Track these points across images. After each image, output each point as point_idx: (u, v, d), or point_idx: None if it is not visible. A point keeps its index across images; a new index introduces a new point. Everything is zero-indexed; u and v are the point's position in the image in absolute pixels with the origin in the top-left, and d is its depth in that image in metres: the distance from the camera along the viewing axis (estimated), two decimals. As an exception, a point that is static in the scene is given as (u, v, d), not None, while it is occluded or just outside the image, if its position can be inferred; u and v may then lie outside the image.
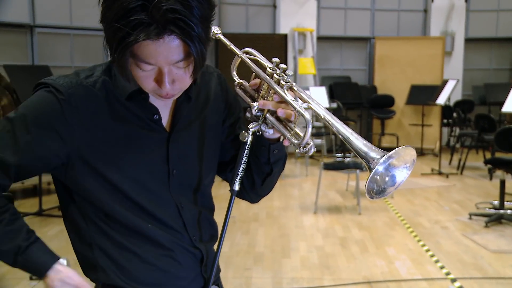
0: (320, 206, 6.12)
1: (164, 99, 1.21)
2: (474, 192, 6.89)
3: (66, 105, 1.21)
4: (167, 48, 1.10)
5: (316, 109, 1.21)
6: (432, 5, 10.52)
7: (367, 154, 1.14)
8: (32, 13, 8.09)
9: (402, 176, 1.18)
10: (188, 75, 1.18)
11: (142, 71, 1.14)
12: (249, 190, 1.46)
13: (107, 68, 1.29)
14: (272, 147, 1.36)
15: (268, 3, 10.11)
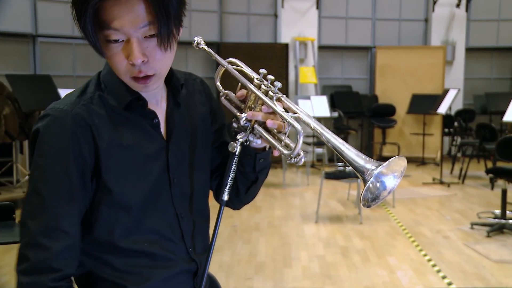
0: (322, 216, 6.11)
1: (141, 84, 1.20)
2: (476, 201, 6.88)
3: (76, 126, 1.20)
4: (131, 8, 1.11)
5: (306, 119, 1.22)
6: (432, 15, 10.56)
7: (362, 166, 1.15)
8: (35, 23, 8.13)
9: (392, 184, 1.19)
10: (160, 51, 1.17)
11: (112, 44, 1.14)
12: (233, 198, 1.46)
13: (97, 83, 1.29)
14: (258, 156, 1.37)
15: (269, 12, 10.15)
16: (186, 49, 9.14)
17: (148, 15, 1.12)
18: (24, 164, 7.13)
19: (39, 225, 1.17)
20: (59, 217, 1.18)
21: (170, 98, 1.35)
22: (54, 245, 1.17)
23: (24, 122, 6.36)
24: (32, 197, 1.20)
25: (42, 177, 1.19)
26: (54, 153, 1.19)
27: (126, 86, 1.26)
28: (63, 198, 1.19)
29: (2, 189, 6.42)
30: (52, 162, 1.19)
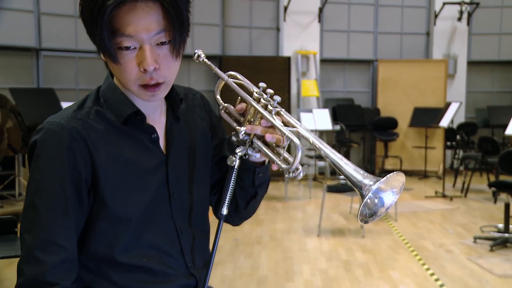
0: (324, 229, 6.09)
1: (149, 92, 1.20)
2: (479, 215, 6.85)
3: (71, 140, 1.21)
4: (146, 15, 1.12)
5: (304, 134, 1.23)
6: (434, 28, 10.60)
7: (359, 181, 1.16)
8: (38, 37, 8.17)
9: (390, 200, 1.20)
10: (171, 59, 1.19)
11: (124, 51, 1.15)
12: (232, 214, 1.46)
13: (95, 98, 1.29)
14: (257, 170, 1.37)
15: (271, 26, 10.20)
16: (188, 62, 9.17)
17: (162, 22, 1.15)
18: (27, 177, 7.12)
19: (35, 239, 1.18)
20: (53, 231, 1.19)
21: (169, 113, 1.36)
22: (49, 259, 1.17)
23: (27, 135, 6.37)
24: (28, 211, 1.21)
25: (37, 191, 1.20)
26: (49, 166, 1.20)
27: (126, 100, 1.27)
28: (58, 212, 1.19)
29: (4, 203, 6.42)
30: (47, 175, 1.19)
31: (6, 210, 6.07)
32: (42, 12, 8.14)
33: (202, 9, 9.51)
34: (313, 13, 10.14)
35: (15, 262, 1.28)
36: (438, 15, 10.48)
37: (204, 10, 9.57)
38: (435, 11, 10.52)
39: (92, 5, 1.12)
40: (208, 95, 10.17)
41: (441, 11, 10.43)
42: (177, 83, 1.40)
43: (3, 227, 2.85)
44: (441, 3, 10.38)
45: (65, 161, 1.19)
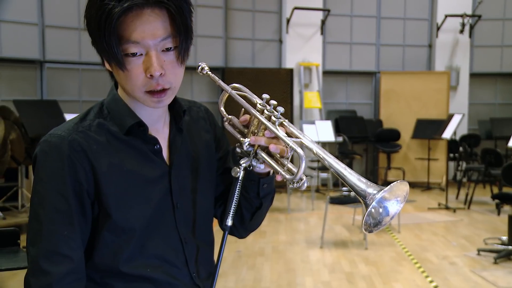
0: (326, 241, 6.07)
1: (155, 98, 1.21)
2: (482, 227, 6.83)
3: (71, 151, 1.21)
4: (152, 21, 1.14)
5: (308, 144, 1.23)
6: (436, 41, 10.63)
7: (363, 190, 1.15)
8: (43, 49, 8.23)
9: (395, 209, 1.20)
10: (177, 65, 1.21)
11: (130, 58, 1.16)
12: (238, 225, 1.45)
13: (99, 110, 1.30)
14: (261, 181, 1.37)
15: (274, 38, 10.24)
16: (191, 74, 9.22)
17: (168, 28, 1.17)
18: (30, 189, 7.13)
19: (40, 250, 1.19)
20: (58, 242, 1.19)
21: (172, 124, 1.37)
22: (55, 270, 1.18)
23: (30, 147, 6.39)
24: (32, 223, 1.21)
25: (40, 202, 1.21)
26: (50, 178, 1.21)
27: (129, 111, 1.28)
28: (62, 222, 1.20)
29: (7, 214, 6.43)
30: (49, 187, 1.20)
31: (9, 222, 6.07)
32: (47, 25, 8.20)
33: (205, 21, 9.57)
34: (316, 25, 10.18)
35: (19, 273, 1.29)
36: (440, 27, 10.52)
37: (207, 22, 9.62)
38: (437, 23, 10.56)
39: (99, 13, 1.14)
40: (212, 107, 10.17)
41: (443, 23, 10.47)
42: (180, 95, 1.41)
43: (6, 239, 2.85)
44: (443, 16, 10.42)
45: (66, 172, 1.20)
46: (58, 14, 8.21)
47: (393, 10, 10.82)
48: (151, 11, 1.15)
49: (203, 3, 9.53)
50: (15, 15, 7.89)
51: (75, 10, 8.19)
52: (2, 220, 6.14)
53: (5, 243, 2.85)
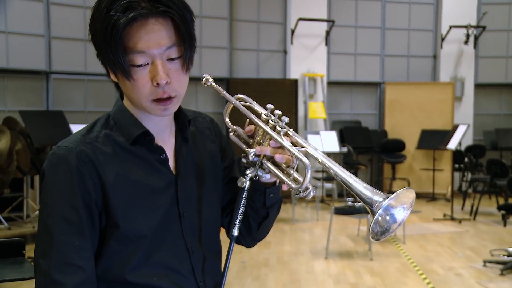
0: (331, 251, 6.05)
1: (162, 106, 1.23)
2: (488, 238, 6.79)
3: (79, 162, 1.22)
4: (157, 31, 1.16)
5: (313, 153, 1.24)
6: (441, 51, 10.64)
7: (370, 198, 1.16)
8: (49, 60, 8.28)
9: (402, 216, 1.20)
10: (182, 73, 1.23)
11: (136, 68, 1.18)
12: (245, 235, 1.46)
13: (105, 121, 1.31)
14: (268, 191, 1.37)
15: (278, 49, 10.28)
16: (196, 84, 9.25)
17: (173, 37, 1.19)
18: (35, 199, 7.16)
19: (52, 262, 1.18)
20: (70, 252, 1.19)
21: (178, 134, 1.38)
22: (68, 281, 1.18)
23: (36, 157, 6.42)
24: (42, 235, 1.22)
25: (50, 214, 1.21)
26: (59, 190, 1.21)
27: (135, 121, 1.29)
28: (72, 233, 1.20)
29: (12, 224, 6.44)
30: (58, 198, 1.21)
31: (14, 232, 6.09)
32: (53, 36, 8.26)
33: (210, 32, 9.62)
34: (320, 36, 10.22)
35: (24, 284, 1.29)
36: (444, 38, 10.54)
37: (212, 33, 9.68)
38: (441, 34, 10.57)
39: (105, 25, 1.16)
40: (216, 117, 10.21)
41: (448, 34, 10.48)
42: (185, 105, 1.42)
43: (11, 249, 2.85)
44: (447, 27, 10.44)
45: (75, 183, 1.21)
46: (64, 25, 8.27)
47: (397, 21, 10.85)
48: (155, 21, 1.16)
49: (208, 14, 9.59)
50: (22, 26, 7.96)
51: (81, 21, 8.26)
52: (7, 231, 6.15)
53: (10, 253, 2.85)
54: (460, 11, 10.52)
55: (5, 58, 7.86)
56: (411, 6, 10.87)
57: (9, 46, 7.87)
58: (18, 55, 7.94)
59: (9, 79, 8.02)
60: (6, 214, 6.55)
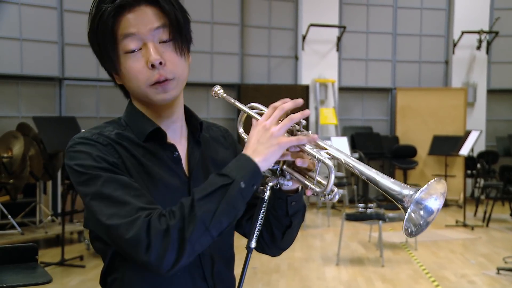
0: (342, 258, 6.03)
1: (162, 88, 1.24)
2: (501, 245, 6.73)
3: (102, 142, 1.24)
4: (144, 14, 1.21)
5: (335, 154, 1.20)
6: (453, 57, 10.60)
7: (399, 193, 1.12)
8: (62, 66, 8.36)
9: (436, 205, 1.16)
10: (176, 56, 1.25)
11: (130, 54, 1.22)
12: (270, 244, 1.43)
13: (116, 124, 1.33)
14: (289, 199, 1.34)
15: (290, 54, 10.29)
16: (207, 90, 9.27)
17: (160, 19, 1.23)
18: (47, 204, 7.21)
19: (122, 214, 1.14)
20: (141, 197, 1.18)
21: (190, 137, 1.39)
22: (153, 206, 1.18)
23: (48, 163, 6.47)
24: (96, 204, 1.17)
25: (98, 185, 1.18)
26: (97, 159, 1.20)
27: (147, 119, 1.31)
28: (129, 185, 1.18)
29: (25, 230, 6.49)
30: (97, 166, 1.19)
31: (26, 237, 6.13)
32: (66, 43, 8.34)
33: (221, 38, 9.65)
34: (332, 42, 10.22)
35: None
36: (456, 43, 10.49)
37: (223, 39, 9.71)
38: (453, 40, 10.53)
39: (96, 19, 1.23)
40: (228, 123, 10.19)
41: (460, 40, 10.44)
42: (196, 111, 1.43)
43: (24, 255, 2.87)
44: (459, 32, 10.39)
45: (106, 153, 1.22)
46: (77, 32, 8.34)
47: (409, 26, 10.82)
48: (143, 7, 1.22)
49: (219, 21, 9.63)
50: (36, 33, 8.04)
51: (93, 28, 8.31)
52: (20, 236, 6.20)
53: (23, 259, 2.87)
54: (473, 16, 10.47)
55: (19, 64, 7.94)
56: (423, 12, 10.84)
57: (23, 53, 7.95)
58: (32, 61, 8.03)
59: (23, 85, 8.10)
60: (19, 219, 6.60)
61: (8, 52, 7.89)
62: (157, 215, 1.13)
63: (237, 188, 1.14)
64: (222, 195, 1.14)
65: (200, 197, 1.13)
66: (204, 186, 1.16)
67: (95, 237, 1.30)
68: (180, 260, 1.12)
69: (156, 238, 1.10)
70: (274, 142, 1.18)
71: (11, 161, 6.13)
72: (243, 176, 1.15)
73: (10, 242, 5.81)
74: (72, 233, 6.93)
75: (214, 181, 1.16)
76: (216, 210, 1.13)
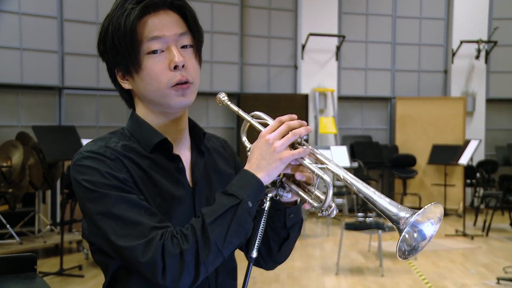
0: (342, 267, 6.01)
1: (182, 90, 1.26)
2: (501, 255, 6.71)
3: (109, 156, 1.24)
4: (169, 19, 1.25)
5: (334, 170, 1.21)
6: (452, 66, 10.63)
7: (396, 214, 1.11)
8: (62, 76, 8.37)
9: (431, 231, 1.15)
10: (194, 61, 1.29)
11: (152, 55, 1.24)
12: (266, 257, 1.43)
13: (121, 134, 1.33)
14: (288, 211, 1.34)
15: (289, 64, 10.32)
16: (207, 99, 9.29)
17: (182, 26, 1.28)
18: (46, 214, 7.20)
19: (133, 236, 1.15)
20: (153, 216, 1.18)
21: (194, 148, 1.39)
22: (164, 225, 1.19)
23: (48, 172, 6.46)
24: (105, 223, 1.17)
25: (108, 204, 1.18)
26: (105, 175, 1.20)
27: (153, 130, 1.31)
28: (139, 204, 1.19)
29: (24, 239, 6.47)
30: (108, 184, 1.19)
31: (25, 247, 6.11)
32: (66, 52, 8.36)
33: (221, 47, 9.68)
34: (331, 51, 10.25)
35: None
36: (455, 53, 10.53)
37: (223, 48, 9.74)
38: (452, 49, 10.57)
39: (120, 19, 1.24)
40: (227, 132, 10.18)
41: (459, 49, 10.47)
42: (196, 120, 1.44)
43: (23, 265, 2.85)
44: (458, 42, 10.43)
45: (115, 168, 1.22)
46: (77, 41, 8.37)
47: (408, 36, 10.86)
48: (166, 12, 1.26)
49: (219, 30, 9.66)
50: (36, 43, 8.07)
51: (94, 37, 8.12)
52: (19, 245, 6.18)
53: (21, 268, 2.85)
54: (471, 26, 10.52)
55: (19, 74, 7.96)
56: (422, 21, 10.88)
57: (23, 62, 7.97)
58: (32, 71, 8.04)
59: (23, 94, 8.11)
60: (18, 229, 6.58)
61: (8, 62, 7.90)
62: (170, 236, 1.15)
63: (245, 208, 1.17)
64: (232, 216, 1.16)
65: (211, 220, 1.15)
66: (213, 208, 1.17)
67: (97, 250, 1.29)
68: (195, 282, 1.16)
69: (171, 262, 1.12)
70: (277, 157, 1.19)
71: (10, 170, 6.12)
72: (249, 194, 1.18)
73: (9, 252, 5.79)
74: (71, 242, 6.91)
75: (222, 201, 1.18)
76: (227, 232, 1.15)
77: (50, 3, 8.19)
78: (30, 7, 7.99)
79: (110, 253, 1.23)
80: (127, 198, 1.18)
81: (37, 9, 8.07)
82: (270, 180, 1.21)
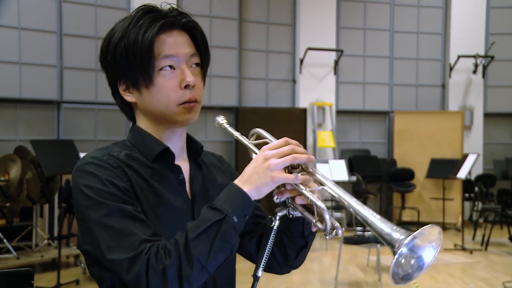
0: (341, 282, 5.98)
1: (189, 108, 1.28)
2: (501, 269, 6.69)
3: (111, 164, 1.25)
4: (182, 39, 1.29)
5: (332, 190, 1.20)
6: (449, 80, 10.68)
7: (390, 236, 1.09)
8: (60, 90, 8.39)
9: (430, 256, 1.14)
10: (201, 82, 1.33)
11: (164, 71, 1.27)
12: (282, 263, 1.44)
13: (122, 145, 1.34)
14: (306, 220, 1.33)
15: (287, 78, 10.35)
16: (205, 113, 9.30)
17: (192, 46, 1.31)
18: (44, 228, 7.16)
19: (126, 247, 1.15)
20: (146, 228, 1.18)
21: (192, 161, 1.41)
22: (158, 239, 1.19)
23: (45, 186, 6.45)
24: (98, 235, 1.18)
25: (103, 213, 1.18)
26: (104, 183, 1.21)
27: (155, 140, 1.33)
28: (133, 215, 1.19)
29: (20, 254, 6.43)
30: (106, 191, 1.20)
31: (22, 262, 6.07)
32: (65, 66, 8.38)
33: (219, 62, 9.71)
34: (329, 65, 10.30)
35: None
36: (453, 67, 10.58)
37: (221, 63, 9.77)
38: (450, 63, 10.62)
39: (134, 35, 1.26)
40: (225, 146, 10.17)
41: (456, 63, 10.53)
42: (193, 135, 1.45)
43: (19, 280, 2.83)
44: (455, 56, 10.49)
45: (115, 176, 1.23)
46: (76, 56, 8.40)
47: (406, 50, 10.92)
48: (178, 31, 1.30)
49: (217, 44, 9.70)
50: (35, 57, 8.09)
51: (92, 52, 8.37)
52: (16, 260, 6.14)
53: (18, 284, 2.83)
54: (468, 41, 10.58)
55: (18, 88, 7.97)
56: (419, 36, 10.95)
57: (22, 76, 7.99)
58: (30, 85, 8.06)
59: (21, 108, 8.12)
60: (14, 243, 6.54)
61: (7, 76, 7.92)
62: (155, 251, 1.14)
63: (230, 223, 1.15)
64: (216, 232, 1.14)
65: (194, 236, 1.14)
66: (197, 222, 1.16)
67: (92, 261, 1.29)
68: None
69: (154, 277, 1.12)
70: (269, 174, 1.18)
71: (8, 185, 6.10)
72: (235, 209, 1.16)
73: (6, 266, 5.75)
74: (68, 256, 6.87)
75: (207, 216, 1.16)
76: (211, 248, 1.14)
77: (50, 18, 8.23)
78: (29, 22, 8.03)
79: (103, 263, 1.22)
80: (122, 208, 1.18)
81: (36, 24, 8.10)
82: (259, 196, 1.19)
